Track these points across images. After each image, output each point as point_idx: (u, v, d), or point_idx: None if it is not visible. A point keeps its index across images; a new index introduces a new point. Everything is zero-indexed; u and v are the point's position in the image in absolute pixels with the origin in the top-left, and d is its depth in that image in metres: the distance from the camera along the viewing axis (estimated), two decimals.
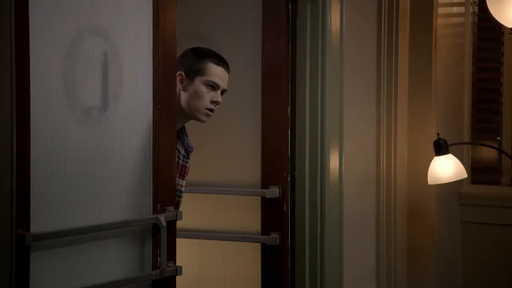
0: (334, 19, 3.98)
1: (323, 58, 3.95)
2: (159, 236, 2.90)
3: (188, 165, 3.08)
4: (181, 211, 3.08)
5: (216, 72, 2.99)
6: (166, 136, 3.05)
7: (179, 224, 3.24)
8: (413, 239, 4.66)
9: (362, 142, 4.38)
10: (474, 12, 4.93)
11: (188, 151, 3.06)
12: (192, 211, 4.08)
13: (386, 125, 4.47)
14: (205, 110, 2.99)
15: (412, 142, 4.64)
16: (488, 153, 4.95)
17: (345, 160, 4.07)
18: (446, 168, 4.34)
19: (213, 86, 2.97)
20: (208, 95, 2.97)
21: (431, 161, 4.41)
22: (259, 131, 3.98)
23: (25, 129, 2.47)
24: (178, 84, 3.00)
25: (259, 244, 3.96)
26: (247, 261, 4.06)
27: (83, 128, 2.71)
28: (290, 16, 3.95)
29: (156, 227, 2.91)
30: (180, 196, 3.04)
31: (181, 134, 3.07)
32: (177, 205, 3.11)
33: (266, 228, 3.89)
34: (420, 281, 4.65)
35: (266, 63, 3.97)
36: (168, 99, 3.04)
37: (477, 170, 4.97)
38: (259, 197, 3.94)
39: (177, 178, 3.03)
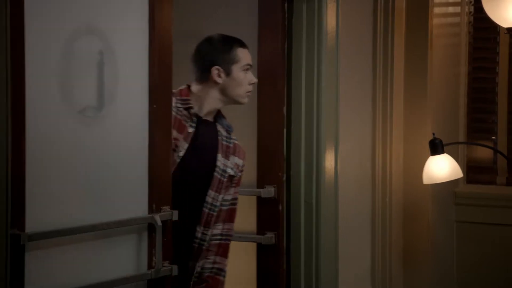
0: (330, 19, 3.98)
1: (319, 58, 3.95)
2: (154, 236, 2.90)
3: (231, 144, 3.09)
4: (176, 211, 3.08)
5: (246, 55, 3.01)
6: (161, 135, 3.05)
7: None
8: (409, 239, 4.66)
9: (358, 142, 4.38)
10: (470, 12, 4.93)
11: (228, 131, 3.07)
12: None
13: (381, 124, 4.47)
14: (246, 93, 3.02)
15: (408, 142, 4.64)
16: (483, 152, 4.95)
17: (340, 160, 4.07)
18: (441, 168, 4.35)
19: (248, 69, 2.99)
20: (246, 79, 3.04)
21: (426, 160, 4.41)
22: (255, 131, 3.98)
23: (20, 129, 2.47)
24: (216, 78, 3.01)
25: (255, 243, 3.96)
26: (242, 261, 4.06)
27: (79, 128, 2.71)
28: (286, 16, 3.95)
29: (151, 227, 2.91)
30: (223, 176, 3.00)
31: (218, 117, 3.08)
32: (237, 182, 3.06)
33: (261, 227, 3.89)
34: (415, 281, 4.65)
35: (262, 63, 3.96)
36: (164, 98, 3.04)
37: (472, 170, 4.98)
38: (255, 197, 3.94)
39: (222, 158, 3.00)
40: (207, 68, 3.02)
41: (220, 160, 3.03)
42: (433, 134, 4.38)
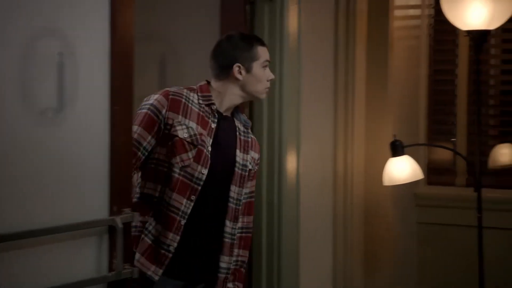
0: (292, 21, 3.99)
1: (281, 60, 3.96)
2: (115, 238, 2.89)
3: (249, 139, 3.12)
4: (138, 213, 3.06)
5: (265, 52, 3.08)
6: (123, 137, 3.03)
7: None
8: (370, 240, 4.69)
9: (320, 143, 4.40)
10: (430, 15, 4.98)
11: (246, 126, 3.12)
12: None
13: (343, 126, 4.49)
14: (264, 89, 3.08)
15: (369, 143, 4.67)
16: (443, 154, 5.00)
17: (302, 161, 4.08)
18: (402, 169, 4.38)
19: (266, 65, 3.03)
20: (265, 76, 3.07)
21: (387, 162, 4.44)
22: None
23: None
24: (237, 75, 3.04)
25: None
26: None
27: (39, 130, 2.69)
28: (248, 18, 3.95)
29: (112, 229, 2.89)
30: (244, 170, 3.06)
31: (235, 112, 3.12)
32: (254, 175, 3.13)
33: None
34: (376, 281, 4.68)
35: None
36: (125, 100, 3.01)
37: (432, 171, 5.02)
38: None
39: (241, 153, 3.05)
40: (228, 65, 3.06)
41: (239, 156, 3.07)
42: (394, 135, 4.41)
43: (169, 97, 2.98)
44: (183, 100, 3.00)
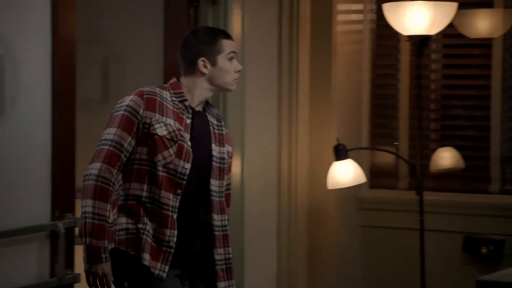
0: (236, 25, 4.00)
1: None
2: (57, 243, 2.86)
3: (223, 132, 3.15)
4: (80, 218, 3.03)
5: (230, 44, 3.10)
6: (65, 140, 3.01)
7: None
8: (314, 243, 4.71)
9: (264, 147, 4.41)
10: (372, 20, 5.02)
11: (219, 119, 3.16)
12: None
13: (287, 130, 4.51)
14: (233, 80, 3.11)
15: (313, 147, 4.70)
16: (386, 158, 5.04)
17: (246, 164, 4.09)
18: (345, 173, 4.41)
19: (233, 57, 3.08)
20: (232, 67, 3.09)
21: (331, 166, 4.47)
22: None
23: None
24: (203, 69, 3.07)
25: None
26: None
27: None
28: (192, 22, 3.95)
29: (54, 234, 2.87)
30: (221, 163, 3.10)
31: (206, 107, 3.16)
32: (230, 168, 3.16)
33: None
34: (320, 284, 4.70)
35: (168, 68, 3.95)
36: (67, 103, 3.00)
37: (375, 175, 5.06)
38: None
39: (216, 147, 3.09)
40: (193, 60, 3.09)
41: (215, 149, 3.10)
42: (337, 139, 4.44)
43: (144, 97, 2.99)
44: (158, 99, 3.02)
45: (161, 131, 2.97)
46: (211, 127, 3.12)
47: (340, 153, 4.40)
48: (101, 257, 2.87)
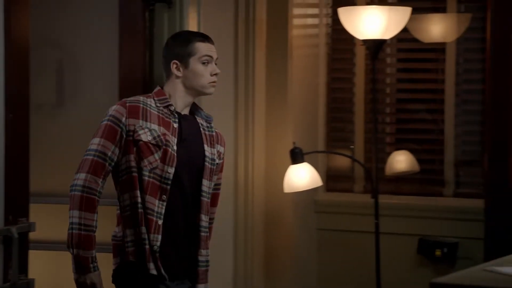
0: (191, 28, 4.00)
1: None
2: (10, 248, 2.83)
3: (213, 133, 3.19)
4: (35, 222, 3.02)
5: (204, 47, 3.12)
6: (19, 145, 2.98)
7: (34, 235, 3.17)
8: (271, 247, 4.72)
9: None
10: (328, 24, 5.05)
11: (208, 120, 3.20)
12: (48, 222, 4.00)
13: (244, 134, 4.52)
14: (209, 83, 3.13)
15: (270, 151, 4.71)
16: (342, 161, 5.07)
17: None
18: (301, 177, 4.43)
19: (208, 60, 3.05)
20: (207, 70, 3.11)
21: (287, 169, 4.48)
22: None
23: None
24: (175, 72, 3.11)
25: None
26: (102, 272, 4.01)
27: None
28: (148, 25, 3.94)
29: (7, 239, 2.84)
30: (212, 164, 3.14)
31: (194, 110, 3.20)
32: (221, 168, 3.21)
33: None
34: (277, 286, 4.71)
35: (123, 72, 3.94)
36: (21, 107, 2.97)
37: (331, 178, 5.09)
38: (115, 207, 3.90)
39: (209, 148, 3.14)
40: (168, 63, 3.13)
41: (208, 150, 3.14)
42: (294, 143, 4.45)
43: (127, 105, 3.03)
44: (141, 105, 3.05)
45: (145, 136, 3.00)
46: (201, 129, 3.16)
47: (296, 157, 4.42)
48: (89, 267, 2.92)
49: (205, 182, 3.11)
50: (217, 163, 3.17)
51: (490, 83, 4.47)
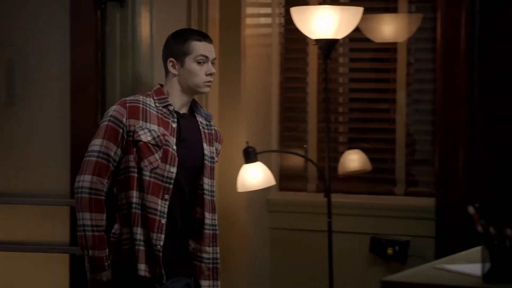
0: (144, 27, 3.99)
1: (133, 66, 3.95)
2: None
3: (212, 131, 3.22)
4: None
5: (201, 47, 3.14)
6: None
7: None
8: (224, 246, 4.69)
9: None
10: (281, 23, 5.07)
11: (208, 119, 3.22)
12: None
13: None
14: (204, 83, 3.14)
15: (223, 150, 4.66)
16: (295, 160, 5.09)
17: None
18: (255, 176, 4.43)
19: (203, 60, 3.04)
20: (202, 70, 3.14)
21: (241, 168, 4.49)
22: (67, 140, 3.92)
23: None
24: (172, 70, 3.14)
25: (68, 255, 3.90)
26: (55, 273, 3.98)
27: None
28: (99, 24, 3.92)
29: None
30: (212, 162, 3.18)
31: (194, 108, 3.21)
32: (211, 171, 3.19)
33: (75, 238, 3.83)
34: (230, 286, 4.71)
35: (74, 71, 3.92)
36: None
37: (285, 177, 5.10)
38: (67, 207, 3.88)
39: (208, 146, 3.16)
40: (165, 61, 3.18)
41: (207, 149, 3.17)
42: (247, 142, 4.46)
43: (127, 105, 3.06)
44: (141, 106, 3.07)
45: (145, 137, 3.03)
46: (200, 127, 3.19)
47: (250, 156, 4.42)
48: (104, 266, 2.99)
49: (206, 181, 3.14)
50: (216, 161, 3.21)
51: (440, 83, 4.51)
